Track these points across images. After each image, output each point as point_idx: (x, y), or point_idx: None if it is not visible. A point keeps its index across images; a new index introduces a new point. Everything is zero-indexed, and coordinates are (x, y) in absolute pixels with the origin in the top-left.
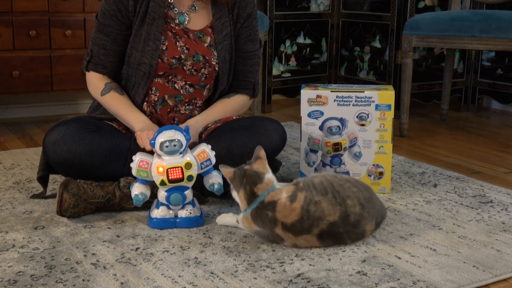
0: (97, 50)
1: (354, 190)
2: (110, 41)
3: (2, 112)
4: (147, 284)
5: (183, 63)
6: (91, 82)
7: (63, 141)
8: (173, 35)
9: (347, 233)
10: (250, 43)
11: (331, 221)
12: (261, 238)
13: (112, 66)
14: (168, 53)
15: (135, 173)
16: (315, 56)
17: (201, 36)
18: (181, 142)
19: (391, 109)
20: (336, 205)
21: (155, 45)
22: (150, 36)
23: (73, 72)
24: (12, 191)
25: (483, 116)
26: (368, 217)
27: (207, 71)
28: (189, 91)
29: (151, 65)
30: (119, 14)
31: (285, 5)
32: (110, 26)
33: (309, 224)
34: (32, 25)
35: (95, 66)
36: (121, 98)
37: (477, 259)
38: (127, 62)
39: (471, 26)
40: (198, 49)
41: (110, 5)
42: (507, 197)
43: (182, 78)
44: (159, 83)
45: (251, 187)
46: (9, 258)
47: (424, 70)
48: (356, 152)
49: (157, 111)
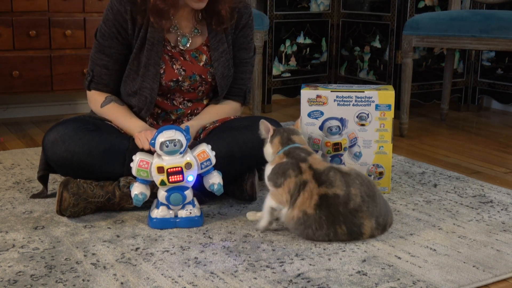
0: (99, 70)
1: (357, 182)
2: (112, 61)
3: (2, 112)
4: (147, 284)
5: (180, 85)
6: (92, 98)
7: (61, 141)
8: (170, 58)
9: (344, 217)
10: (244, 51)
11: (336, 193)
12: (282, 171)
13: (114, 84)
14: (165, 76)
15: (135, 172)
16: (315, 56)
17: (197, 55)
18: (181, 142)
19: (391, 109)
20: (343, 186)
21: (156, 70)
22: (150, 61)
23: (73, 72)
24: (12, 191)
25: (483, 116)
26: (366, 212)
27: (204, 88)
28: (188, 105)
29: (153, 89)
30: (119, 36)
31: (285, 5)
32: (112, 47)
33: (325, 181)
34: (32, 25)
35: (97, 85)
36: (121, 108)
37: (477, 259)
38: (124, 83)
39: (471, 26)
40: (194, 70)
41: (110, 28)
42: (507, 197)
43: (180, 95)
44: (158, 100)
45: (288, 134)
46: (9, 258)
47: (424, 70)
48: (356, 152)
49: (159, 123)
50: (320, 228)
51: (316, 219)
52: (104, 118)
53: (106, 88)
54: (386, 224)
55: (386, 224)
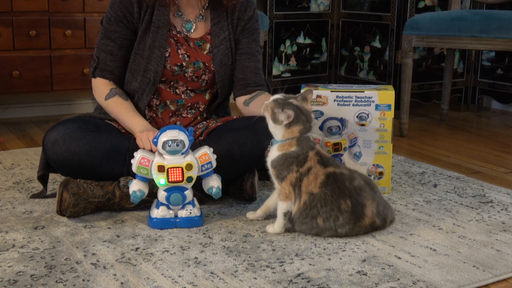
0: (104, 56)
1: (358, 173)
2: (117, 46)
3: (2, 112)
4: (147, 284)
5: (184, 70)
6: (97, 88)
7: (62, 141)
8: (175, 43)
9: (349, 192)
10: (254, 43)
11: (343, 172)
12: (287, 164)
13: (119, 72)
14: (170, 60)
15: (135, 169)
16: (315, 56)
17: (201, 44)
18: (184, 142)
19: (391, 109)
20: (347, 170)
21: (161, 52)
22: (155, 43)
23: (73, 72)
24: (12, 191)
25: (483, 116)
26: (369, 194)
27: (207, 77)
28: (190, 95)
29: (157, 72)
30: (125, 20)
31: (285, 5)
32: (117, 32)
33: (331, 163)
34: (32, 25)
35: (102, 72)
36: (124, 103)
37: (477, 259)
38: (129, 69)
39: (471, 26)
40: (198, 57)
41: (116, 11)
42: (507, 197)
43: (184, 84)
44: (161, 88)
45: (309, 124)
46: (9, 258)
47: (424, 70)
48: (356, 152)
49: (158, 115)
50: (325, 205)
51: (322, 196)
52: (104, 117)
53: (111, 76)
54: (386, 216)
55: (386, 217)
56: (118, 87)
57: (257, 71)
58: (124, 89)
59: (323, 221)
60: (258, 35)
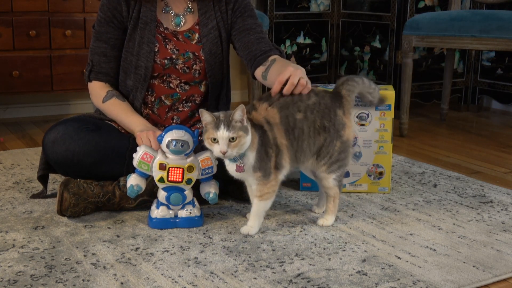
0: (98, 58)
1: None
2: (109, 47)
3: (2, 112)
4: (147, 284)
5: (175, 63)
6: (94, 91)
7: (62, 140)
8: (163, 39)
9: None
10: (250, 19)
11: (299, 118)
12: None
13: (114, 73)
14: (160, 54)
15: (136, 164)
16: (315, 56)
17: (190, 35)
18: (189, 144)
19: (391, 109)
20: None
21: (149, 47)
22: (144, 39)
23: (73, 72)
24: (12, 191)
25: (483, 116)
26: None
27: (199, 67)
28: (185, 88)
29: (147, 67)
30: (115, 20)
31: (285, 5)
32: (108, 33)
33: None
34: (32, 25)
35: (97, 75)
36: (122, 104)
37: (477, 259)
38: (122, 67)
39: (471, 26)
40: (187, 48)
41: (105, 13)
42: (507, 197)
43: (177, 77)
44: (154, 84)
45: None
46: (9, 258)
47: (424, 70)
48: (356, 152)
49: (155, 111)
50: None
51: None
52: (104, 117)
53: (106, 77)
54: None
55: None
56: (114, 89)
57: (259, 40)
58: (119, 90)
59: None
60: (251, 11)
